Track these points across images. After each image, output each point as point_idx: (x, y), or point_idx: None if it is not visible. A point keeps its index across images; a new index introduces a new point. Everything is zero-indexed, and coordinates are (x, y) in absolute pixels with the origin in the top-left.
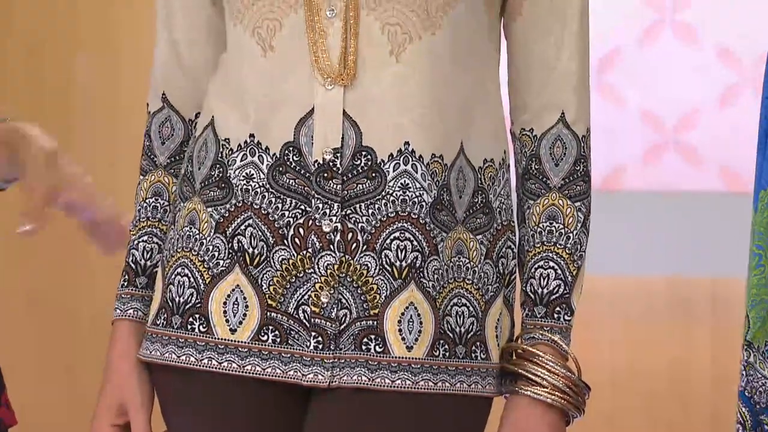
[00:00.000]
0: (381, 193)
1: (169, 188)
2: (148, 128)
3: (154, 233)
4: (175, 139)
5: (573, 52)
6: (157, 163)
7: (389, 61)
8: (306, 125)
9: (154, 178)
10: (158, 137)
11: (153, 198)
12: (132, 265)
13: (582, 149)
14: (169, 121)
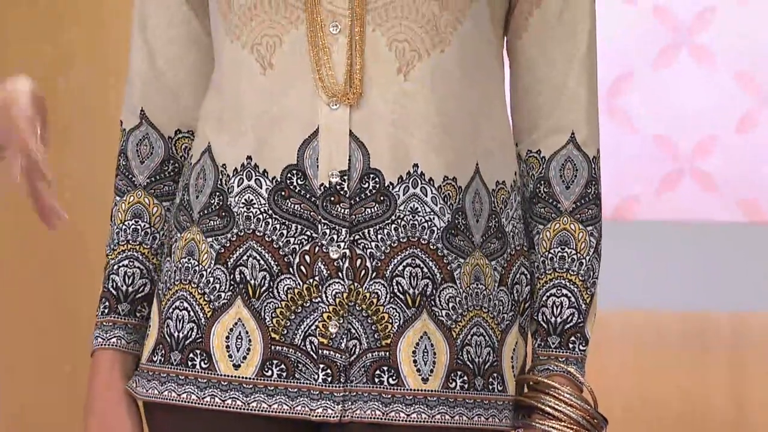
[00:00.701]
0: (390, 217)
1: (149, 209)
2: (124, 147)
3: (136, 257)
4: (155, 158)
5: (582, 72)
6: (136, 183)
7: (397, 79)
8: (310, 147)
9: (132, 199)
10: (136, 156)
11: (133, 220)
12: (113, 291)
13: (593, 171)
14: (148, 138)
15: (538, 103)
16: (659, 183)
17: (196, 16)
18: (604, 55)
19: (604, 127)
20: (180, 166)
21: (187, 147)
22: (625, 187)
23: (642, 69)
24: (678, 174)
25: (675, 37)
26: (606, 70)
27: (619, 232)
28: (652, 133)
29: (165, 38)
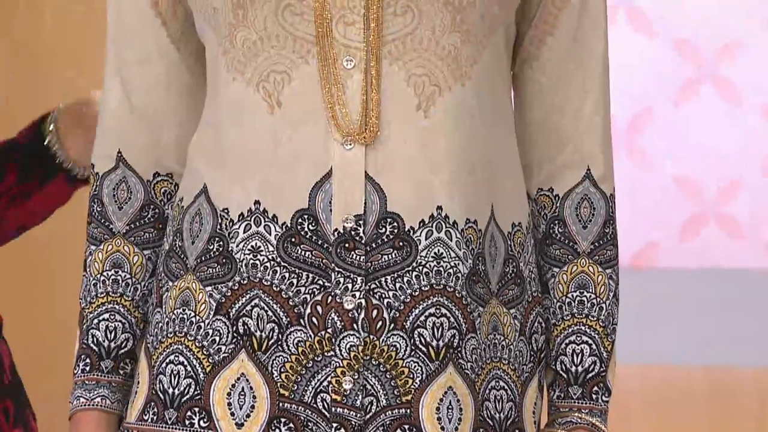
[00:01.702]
0: (411, 264)
1: (130, 259)
2: (97, 191)
3: (117, 310)
4: (134, 203)
5: (597, 103)
6: (114, 230)
7: (416, 116)
8: (323, 190)
9: (111, 248)
10: (113, 201)
11: (112, 270)
12: (93, 347)
13: (610, 210)
14: (125, 182)
15: (549, 135)
16: (681, 228)
17: (177, 50)
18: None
19: (621, 167)
20: (160, 212)
21: (166, 191)
22: (644, 233)
23: (662, 105)
24: (701, 218)
25: (697, 71)
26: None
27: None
28: (673, 174)
29: (143, 73)
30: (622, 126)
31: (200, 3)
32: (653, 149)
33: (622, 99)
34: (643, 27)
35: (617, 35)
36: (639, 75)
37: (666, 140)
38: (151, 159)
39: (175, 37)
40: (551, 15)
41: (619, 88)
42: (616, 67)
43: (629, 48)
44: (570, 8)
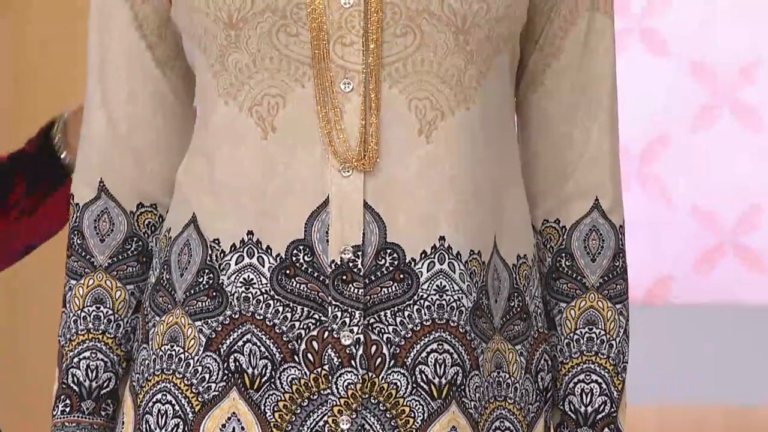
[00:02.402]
0: (412, 297)
1: (112, 294)
2: (77, 223)
3: (98, 348)
4: (117, 235)
5: (605, 130)
6: (96, 264)
7: (418, 141)
8: (319, 219)
9: (92, 283)
10: (94, 233)
11: (93, 306)
12: (74, 387)
13: (620, 242)
14: (107, 213)
15: (555, 163)
16: (697, 261)
17: (164, 74)
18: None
19: (634, 196)
20: (144, 245)
21: (150, 222)
22: (658, 266)
23: (678, 132)
24: (719, 250)
25: (715, 96)
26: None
27: (651, 316)
28: (689, 204)
29: (128, 99)
30: (635, 154)
31: (189, 24)
32: (668, 178)
33: (635, 126)
34: (658, 49)
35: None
36: (653, 100)
37: (682, 169)
38: (134, 189)
39: (161, 61)
40: (556, 37)
41: (632, 114)
42: (628, 92)
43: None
44: (576, 31)
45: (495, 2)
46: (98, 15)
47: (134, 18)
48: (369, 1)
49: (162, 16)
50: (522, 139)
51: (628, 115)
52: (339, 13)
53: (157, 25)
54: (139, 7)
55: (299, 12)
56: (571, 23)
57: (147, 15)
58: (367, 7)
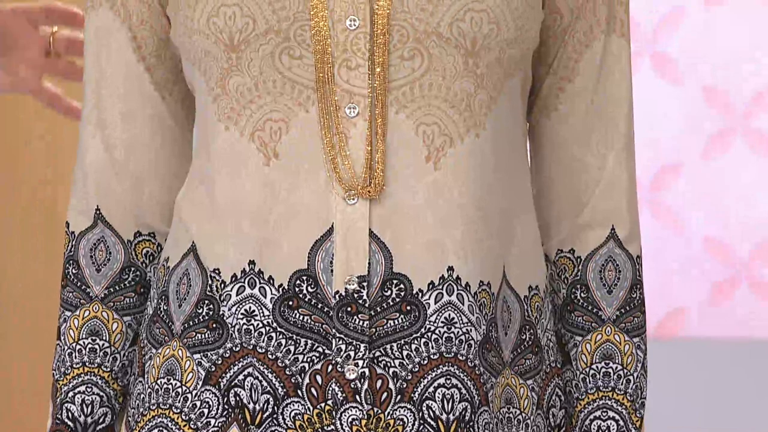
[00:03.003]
0: (419, 330)
1: (108, 326)
2: (73, 252)
3: (94, 382)
4: (113, 265)
5: (621, 157)
6: (92, 295)
7: (426, 168)
8: (323, 249)
9: (88, 314)
10: (91, 263)
11: (89, 339)
12: (68, 422)
13: (637, 273)
14: (104, 242)
15: (569, 192)
16: (711, 293)
17: (162, 98)
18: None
19: (645, 226)
20: (142, 274)
21: (148, 252)
22: (670, 298)
23: (690, 159)
24: (733, 282)
25: (728, 122)
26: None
27: (663, 350)
28: (702, 235)
29: (125, 123)
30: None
31: (189, 46)
32: (679, 207)
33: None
34: (670, 74)
35: (641, 82)
36: (665, 126)
37: (694, 198)
38: (132, 217)
39: (160, 84)
40: (571, 60)
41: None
42: (639, 117)
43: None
44: (591, 53)
45: (506, 24)
46: (95, 36)
47: (132, 39)
48: (375, 23)
49: (161, 38)
50: (534, 166)
51: (638, 141)
52: (344, 35)
53: (155, 47)
54: (137, 28)
55: (303, 34)
56: (586, 46)
57: (145, 36)
58: (374, 29)
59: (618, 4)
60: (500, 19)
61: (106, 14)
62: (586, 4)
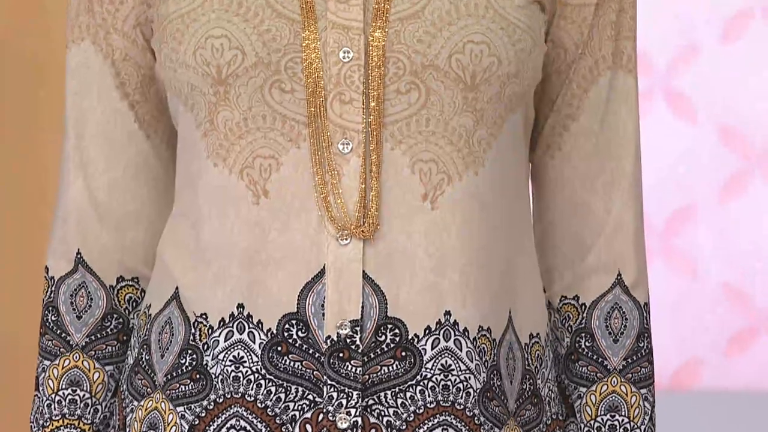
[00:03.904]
0: (415, 377)
1: (90, 376)
2: (52, 298)
3: None
4: (95, 312)
5: (627, 200)
6: (72, 343)
7: (422, 207)
8: (314, 291)
9: (68, 364)
10: (71, 310)
11: (69, 389)
12: None
13: (645, 321)
14: (85, 288)
15: (573, 235)
16: (729, 342)
17: (147, 137)
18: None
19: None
20: (125, 322)
21: (131, 297)
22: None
23: (706, 201)
24: (752, 331)
25: (745, 162)
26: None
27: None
28: (719, 281)
29: (108, 163)
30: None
31: (175, 80)
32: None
33: (659, 194)
34: (684, 112)
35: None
36: (679, 167)
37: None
38: (114, 261)
39: (145, 122)
40: (575, 97)
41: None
42: (651, 158)
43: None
44: (597, 90)
45: (507, 57)
46: (76, 72)
47: (116, 75)
48: (370, 55)
49: (145, 74)
50: (537, 208)
51: (650, 183)
52: (337, 68)
53: (140, 83)
54: (121, 63)
55: (294, 66)
56: (591, 82)
57: (129, 72)
58: (368, 61)
59: (625, 38)
60: (501, 53)
61: (87, 49)
62: (592, 39)
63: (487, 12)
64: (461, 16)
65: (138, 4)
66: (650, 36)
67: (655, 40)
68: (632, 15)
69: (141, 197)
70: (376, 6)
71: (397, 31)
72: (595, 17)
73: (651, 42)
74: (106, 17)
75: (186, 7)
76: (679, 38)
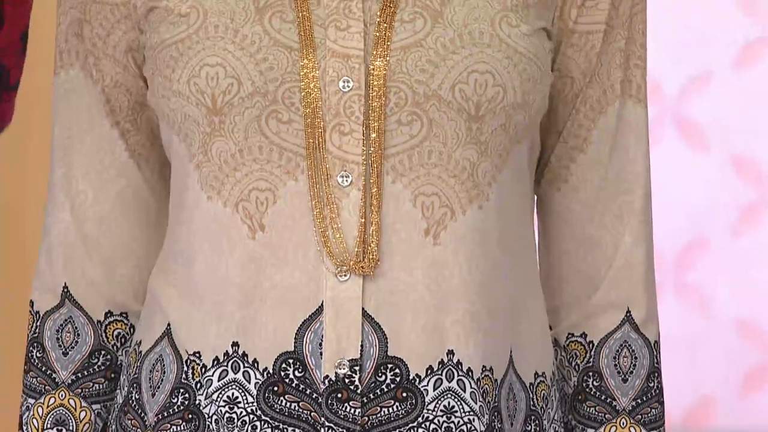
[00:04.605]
0: (416, 419)
1: (76, 415)
2: (37, 334)
3: None
4: (82, 348)
5: (638, 235)
6: (58, 380)
7: (424, 243)
8: (312, 329)
9: (54, 402)
10: (57, 346)
11: (54, 429)
12: None
13: (655, 360)
14: (72, 323)
15: (580, 271)
16: (743, 380)
17: (138, 167)
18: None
19: (669, 308)
20: (113, 359)
21: (119, 333)
22: (697, 387)
23: (718, 235)
24: (767, 369)
25: (759, 195)
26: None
27: None
28: (732, 317)
29: (96, 195)
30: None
31: (168, 109)
32: (707, 287)
33: (669, 227)
34: (695, 141)
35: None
36: (690, 198)
37: (723, 277)
38: (103, 295)
39: (135, 152)
40: (582, 128)
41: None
42: (661, 188)
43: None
44: (605, 120)
45: (512, 87)
46: (64, 99)
47: (106, 102)
48: (371, 85)
49: (137, 101)
50: (542, 243)
51: (660, 215)
52: (337, 98)
53: (131, 111)
54: (111, 90)
55: (292, 96)
56: (599, 112)
57: (120, 100)
58: (368, 91)
59: (634, 66)
60: (506, 82)
61: (76, 75)
62: (600, 67)
63: (492, 40)
64: (465, 44)
65: (130, 29)
66: (661, 62)
67: (665, 66)
68: (642, 42)
69: (131, 230)
70: (377, 34)
71: (399, 60)
72: (603, 44)
73: (661, 68)
74: (96, 42)
75: (180, 34)
76: (690, 64)
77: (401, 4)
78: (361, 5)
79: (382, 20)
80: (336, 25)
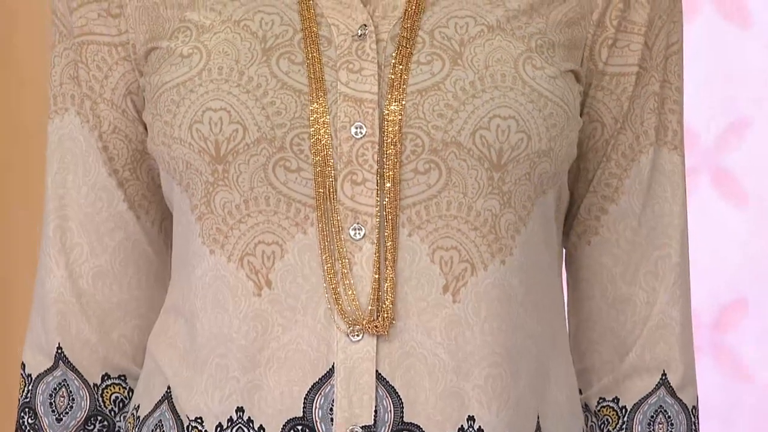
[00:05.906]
0: None
1: None
2: (29, 398)
3: None
4: (77, 413)
5: (674, 293)
6: None
7: (443, 300)
8: (322, 393)
9: None
10: (50, 411)
11: None
12: None
13: (693, 426)
14: (66, 386)
15: (613, 331)
16: None
17: (137, 219)
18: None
19: (705, 372)
20: (110, 425)
21: (117, 398)
22: None
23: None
24: None
25: None
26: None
27: None
28: None
29: (93, 249)
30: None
31: (168, 156)
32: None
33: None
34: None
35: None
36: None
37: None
38: (99, 357)
39: (135, 202)
40: (614, 177)
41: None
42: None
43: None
44: (638, 169)
45: (537, 133)
46: (58, 146)
47: (103, 149)
48: (385, 131)
49: (136, 148)
50: (571, 300)
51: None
52: (349, 145)
53: (130, 159)
54: (109, 137)
55: (301, 143)
56: (631, 160)
57: (118, 147)
58: (383, 138)
59: (670, 111)
60: (531, 128)
61: (72, 121)
62: (632, 111)
63: (515, 83)
64: (486, 87)
65: (129, 71)
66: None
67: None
68: (678, 86)
69: (130, 287)
70: (392, 76)
71: (416, 104)
72: (636, 87)
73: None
74: (93, 85)
75: (182, 76)
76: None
77: (418, 44)
78: (375, 46)
79: (398, 62)
80: (348, 67)
